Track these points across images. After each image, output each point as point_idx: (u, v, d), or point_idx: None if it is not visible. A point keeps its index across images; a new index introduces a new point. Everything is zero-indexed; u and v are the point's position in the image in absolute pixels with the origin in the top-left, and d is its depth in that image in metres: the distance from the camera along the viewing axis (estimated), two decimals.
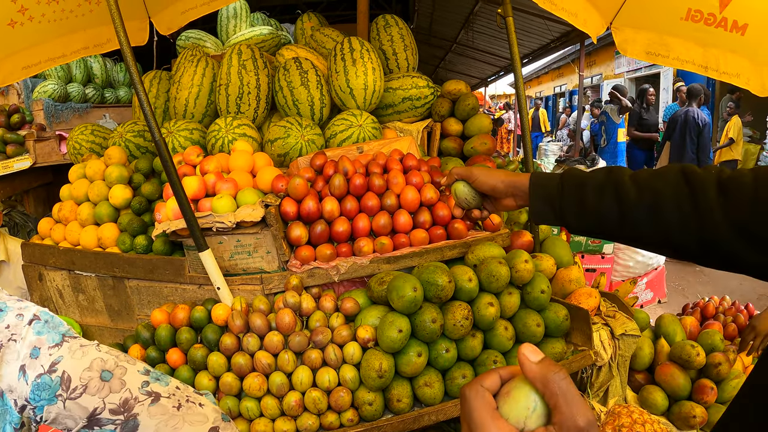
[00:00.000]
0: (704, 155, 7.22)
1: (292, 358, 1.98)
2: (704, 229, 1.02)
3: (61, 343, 0.95)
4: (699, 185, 1.04)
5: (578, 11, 2.79)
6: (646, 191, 1.11)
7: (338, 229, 2.31)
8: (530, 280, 2.17)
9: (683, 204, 1.05)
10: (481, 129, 3.26)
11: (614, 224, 1.16)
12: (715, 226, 1.00)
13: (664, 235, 1.09)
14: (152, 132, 2.03)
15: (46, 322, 0.97)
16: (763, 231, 0.94)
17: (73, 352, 0.95)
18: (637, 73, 16.55)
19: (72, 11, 2.86)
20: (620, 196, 1.14)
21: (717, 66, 2.85)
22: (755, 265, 0.98)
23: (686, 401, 2.38)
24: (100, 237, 2.68)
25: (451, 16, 8.90)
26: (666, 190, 1.08)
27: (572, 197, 1.22)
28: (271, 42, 4.13)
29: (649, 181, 1.12)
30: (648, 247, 1.17)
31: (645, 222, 1.11)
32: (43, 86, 5.04)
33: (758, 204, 0.95)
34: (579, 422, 0.58)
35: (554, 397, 0.60)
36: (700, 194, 1.03)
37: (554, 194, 1.26)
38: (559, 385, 0.60)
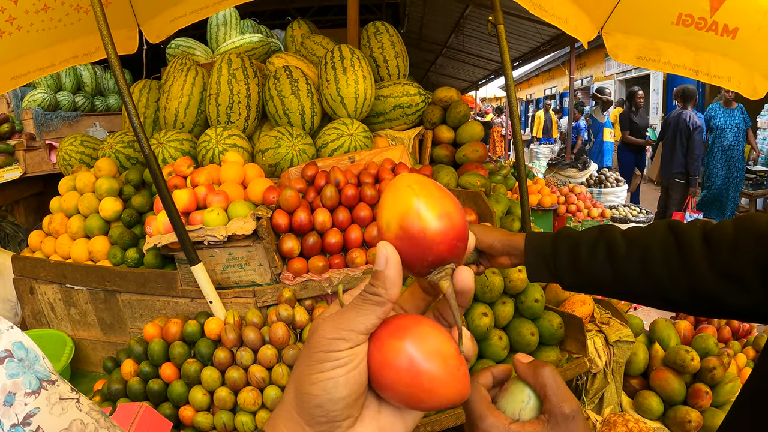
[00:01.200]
0: (692, 159, 7.23)
1: (287, 372, 1.96)
2: (693, 279, 1.07)
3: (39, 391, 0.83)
4: (685, 239, 1.10)
5: (569, 17, 2.79)
6: (636, 248, 1.16)
7: (330, 240, 2.30)
8: (524, 289, 2.17)
9: (671, 258, 1.11)
10: (473, 136, 3.25)
11: (607, 281, 1.21)
12: (701, 276, 1.05)
13: (655, 288, 1.14)
14: (142, 146, 2.02)
15: (20, 360, 0.82)
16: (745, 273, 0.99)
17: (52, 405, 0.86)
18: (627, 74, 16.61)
19: (60, 20, 2.84)
20: (612, 253, 1.19)
21: (708, 70, 2.85)
22: (743, 307, 1.03)
23: (681, 406, 2.37)
24: (90, 250, 2.66)
25: (442, 20, 8.89)
26: (654, 246, 1.14)
27: (566, 257, 1.27)
28: (262, 50, 4.12)
29: (639, 237, 1.18)
30: (640, 300, 1.24)
31: (636, 277, 1.16)
32: (32, 95, 5.01)
33: (738, 250, 1.00)
34: (565, 410, 0.66)
35: (543, 388, 0.68)
36: (687, 247, 1.09)
37: (548, 254, 1.31)
38: (546, 377, 0.69)
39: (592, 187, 6.81)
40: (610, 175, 6.94)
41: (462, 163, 3.20)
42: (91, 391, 2.29)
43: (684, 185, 7.34)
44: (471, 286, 0.63)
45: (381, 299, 0.56)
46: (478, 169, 3.06)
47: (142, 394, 2.06)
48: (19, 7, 2.58)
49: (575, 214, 5.29)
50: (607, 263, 1.19)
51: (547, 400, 0.68)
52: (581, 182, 6.91)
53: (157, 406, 2.04)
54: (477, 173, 2.97)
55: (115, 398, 2.09)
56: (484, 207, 2.51)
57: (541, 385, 0.69)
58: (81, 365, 2.72)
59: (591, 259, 1.22)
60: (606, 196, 6.72)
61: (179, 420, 2.01)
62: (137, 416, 1.73)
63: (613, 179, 6.90)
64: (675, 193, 7.43)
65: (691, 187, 7.29)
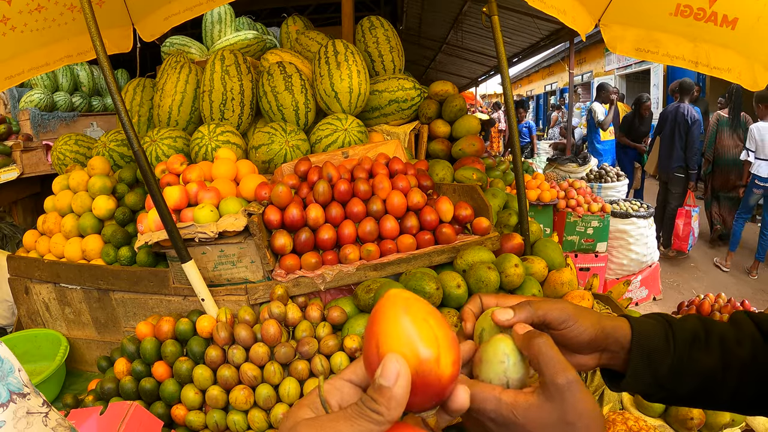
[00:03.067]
0: (692, 152, 7.21)
1: (279, 370, 1.94)
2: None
3: (7, 404, 0.83)
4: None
5: (567, 9, 2.76)
6: (745, 344, 0.93)
7: (323, 236, 2.27)
8: (521, 285, 2.14)
9: None
10: (469, 130, 3.22)
11: (718, 385, 0.94)
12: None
13: None
14: (130, 142, 1.99)
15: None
16: None
17: (18, 419, 0.83)
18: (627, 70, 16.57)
19: (54, 20, 2.82)
20: (727, 350, 0.94)
21: (708, 61, 2.82)
22: None
23: None
24: (84, 249, 2.64)
25: (440, 17, 8.88)
26: (758, 344, 0.93)
27: (685, 355, 0.94)
28: (257, 47, 4.09)
29: (740, 334, 0.95)
30: None
31: (747, 381, 0.92)
32: (29, 96, 4.99)
33: None
34: (559, 380, 0.61)
35: (536, 358, 0.64)
36: None
37: (661, 350, 0.94)
38: (540, 348, 0.64)
39: (593, 182, 6.78)
40: (610, 170, 6.91)
41: (458, 158, 3.17)
42: (85, 391, 2.28)
43: (684, 179, 7.32)
44: (467, 406, 0.62)
45: (381, 419, 0.51)
46: (474, 163, 3.03)
47: (135, 393, 2.05)
48: (12, 8, 2.56)
49: (575, 209, 5.25)
50: (722, 366, 0.93)
51: (540, 373, 0.64)
52: (581, 177, 6.88)
53: (149, 405, 2.02)
54: (473, 167, 2.94)
55: (108, 397, 2.07)
56: (480, 201, 2.48)
57: (535, 356, 0.65)
58: (76, 365, 2.70)
59: (707, 359, 0.93)
60: (606, 191, 6.69)
61: (171, 419, 1.99)
62: (127, 415, 1.70)
63: (614, 174, 6.86)
64: (675, 188, 7.41)
65: (691, 181, 7.26)
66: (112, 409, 1.73)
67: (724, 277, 6.70)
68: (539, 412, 0.62)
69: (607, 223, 5.31)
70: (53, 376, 2.37)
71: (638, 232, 5.66)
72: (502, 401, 0.64)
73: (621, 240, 5.65)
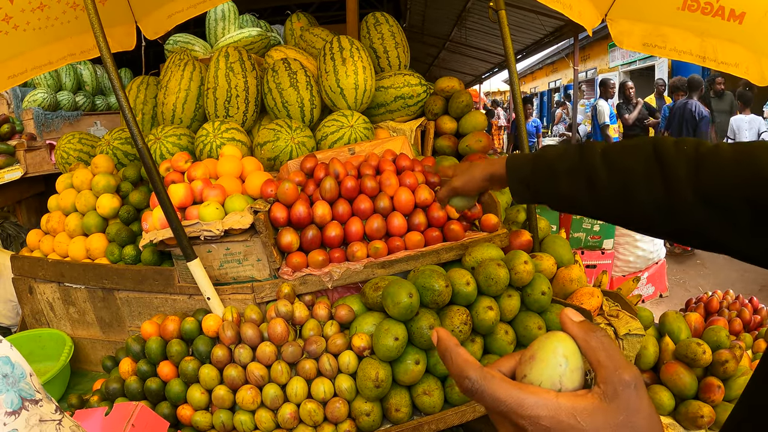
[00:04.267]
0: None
1: (286, 369, 1.91)
2: (676, 206, 1.00)
3: (20, 411, 0.79)
4: (671, 162, 1.02)
5: (572, 3, 2.73)
6: (617, 173, 1.10)
7: (330, 234, 2.24)
8: (530, 282, 2.11)
9: (655, 185, 1.03)
10: (476, 126, 3.19)
11: (588, 206, 1.18)
12: (685, 202, 0.98)
13: (637, 215, 1.09)
14: (134, 139, 1.97)
15: (4, 376, 0.80)
16: (732, 208, 0.92)
17: (30, 427, 0.79)
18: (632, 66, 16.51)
19: (57, 18, 2.80)
20: (592, 180, 1.14)
21: (715, 56, 2.79)
22: (725, 244, 0.96)
23: (693, 401, 2.32)
24: (88, 248, 2.62)
25: (444, 14, 8.85)
26: (638, 169, 1.07)
27: (545, 183, 1.26)
28: (261, 44, 4.07)
29: (621, 161, 1.11)
30: (621, 224, 1.18)
31: (618, 204, 1.11)
32: (32, 95, 4.97)
33: (734, 179, 0.92)
34: (625, 376, 0.54)
35: (596, 352, 0.57)
36: (672, 171, 1.00)
37: (529, 179, 1.30)
38: (600, 340, 0.57)
39: None
40: None
41: (465, 154, 3.14)
42: (90, 391, 2.26)
43: None
44: None
45: None
46: (481, 159, 3.01)
47: (140, 394, 2.03)
48: (15, 6, 2.55)
49: None
50: (585, 191, 1.16)
51: (601, 366, 0.56)
52: None
53: (155, 406, 2.00)
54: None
55: (113, 398, 2.06)
56: (488, 197, 2.46)
57: (594, 349, 0.57)
58: (81, 364, 2.69)
59: (570, 186, 1.19)
60: None
61: (177, 419, 1.97)
62: (133, 416, 1.68)
63: None
64: None
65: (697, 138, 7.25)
66: (117, 409, 1.71)
67: (731, 273, 6.66)
68: (605, 415, 0.54)
69: None
70: (58, 376, 2.35)
71: None
72: (561, 405, 0.55)
73: (627, 237, 5.62)
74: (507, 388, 0.57)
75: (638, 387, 0.54)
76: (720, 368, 2.33)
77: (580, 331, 0.59)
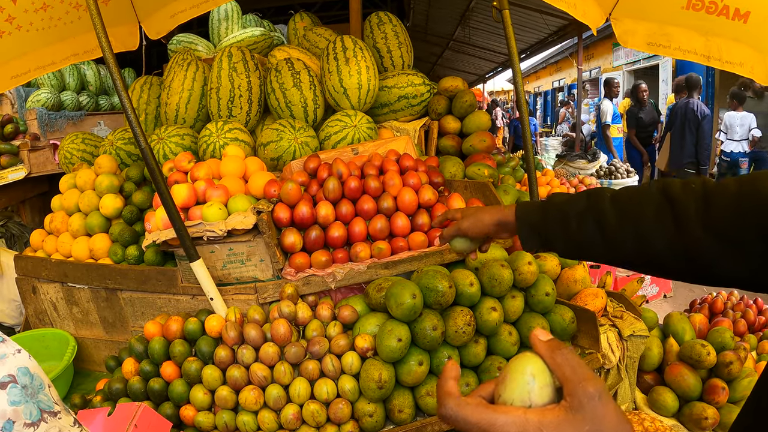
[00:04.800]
0: (702, 148, 7.19)
1: (289, 370, 1.91)
2: (689, 245, 0.98)
3: (38, 423, 0.78)
4: (681, 203, 1.01)
5: (577, 2, 2.72)
6: (628, 216, 1.09)
7: (334, 234, 2.24)
8: (534, 283, 2.10)
9: (666, 226, 1.02)
10: (479, 126, 3.19)
11: (599, 250, 1.15)
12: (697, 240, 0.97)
13: (649, 258, 1.07)
14: (137, 139, 1.97)
15: (24, 387, 0.79)
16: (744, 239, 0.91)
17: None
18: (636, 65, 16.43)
19: (60, 19, 2.80)
20: (602, 224, 1.12)
21: (720, 55, 2.78)
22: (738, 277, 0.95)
23: (697, 402, 2.31)
24: (91, 248, 2.62)
25: (447, 13, 8.84)
26: (648, 210, 1.05)
27: (556, 228, 1.22)
28: (264, 43, 4.07)
29: (630, 205, 1.10)
30: (637, 269, 1.14)
31: (630, 247, 1.08)
32: (36, 95, 4.98)
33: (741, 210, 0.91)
34: (589, 388, 0.58)
35: (562, 368, 0.61)
36: (683, 212, 1.00)
37: (539, 225, 1.27)
38: (565, 356, 0.61)
39: (602, 179, 6.71)
40: (620, 166, 6.84)
41: (469, 154, 3.14)
42: (93, 391, 2.25)
43: (695, 175, 7.28)
44: None
45: None
46: (485, 159, 3.00)
47: (143, 394, 2.02)
48: (18, 7, 2.55)
49: None
50: (597, 235, 1.13)
51: (567, 381, 0.60)
52: (591, 173, 6.82)
53: (158, 406, 2.00)
54: (485, 164, 2.91)
55: (116, 398, 2.06)
56: (492, 198, 2.44)
57: (560, 365, 0.61)
58: (84, 364, 2.69)
59: (580, 231, 1.16)
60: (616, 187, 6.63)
61: (180, 420, 1.97)
62: (135, 416, 1.68)
63: (623, 170, 6.80)
64: None
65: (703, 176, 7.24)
66: (120, 409, 1.71)
67: None
68: (571, 425, 0.58)
69: None
70: (61, 375, 2.35)
71: None
72: (528, 421, 0.59)
73: None
74: (479, 411, 0.62)
75: (602, 397, 0.58)
76: (724, 370, 2.32)
77: (546, 349, 0.63)
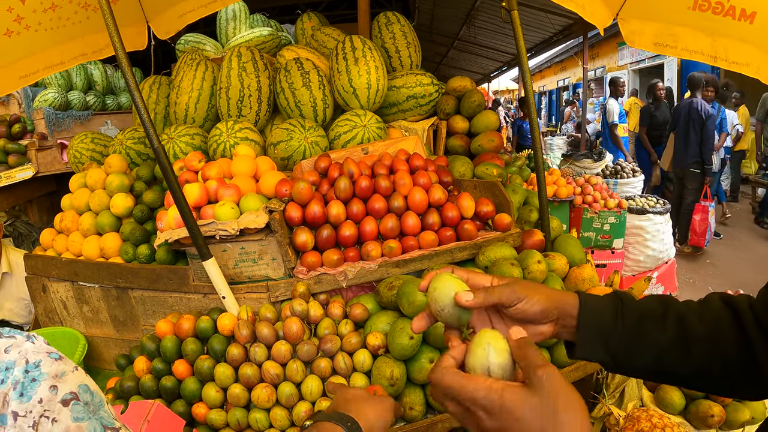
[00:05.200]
0: (707, 148, 7.18)
1: (301, 368, 1.92)
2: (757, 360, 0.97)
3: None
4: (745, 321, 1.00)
5: (585, 3, 2.73)
6: (708, 321, 1.01)
7: (345, 233, 2.25)
8: (543, 281, 2.12)
9: (737, 340, 0.99)
10: (488, 126, 3.20)
11: (677, 361, 1.02)
12: None
13: (725, 371, 1.00)
14: (150, 139, 1.98)
15: (86, 404, 0.78)
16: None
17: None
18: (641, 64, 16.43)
19: (69, 19, 2.82)
20: (684, 330, 1.01)
21: (726, 56, 2.78)
22: None
23: (704, 400, 2.31)
24: (102, 247, 2.64)
25: (453, 12, 8.83)
26: (723, 317, 1.01)
27: (634, 329, 1.02)
28: (272, 43, 4.08)
29: (705, 311, 1.03)
30: (709, 387, 1.07)
31: (708, 356, 1.00)
32: (43, 95, 5.00)
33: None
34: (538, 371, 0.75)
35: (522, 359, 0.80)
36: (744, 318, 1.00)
37: (609, 324, 1.03)
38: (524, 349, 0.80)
39: (608, 178, 6.71)
40: (626, 166, 6.84)
41: (477, 153, 3.14)
42: (104, 389, 2.27)
43: (700, 174, 7.29)
44: None
45: None
46: (494, 159, 3.01)
47: (155, 392, 2.04)
48: (26, 7, 2.56)
49: (591, 204, 5.20)
50: (679, 340, 1.00)
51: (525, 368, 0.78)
52: (597, 173, 6.81)
53: (170, 404, 2.01)
54: (493, 163, 2.92)
55: (128, 396, 2.07)
56: (501, 197, 2.46)
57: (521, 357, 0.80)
58: (94, 363, 2.70)
59: (660, 335, 1.01)
60: (622, 186, 6.61)
61: (192, 417, 1.98)
62: (149, 414, 1.70)
63: (630, 169, 6.79)
64: (691, 183, 7.38)
65: (707, 176, 7.22)
66: (133, 407, 1.73)
67: (741, 273, 6.63)
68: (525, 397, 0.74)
69: (624, 219, 5.26)
70: None
71: (654, 228, 5.60)
72: (492, 389, 0.76)
73: (637, 236, 5.60)
74: (455, 377, 0.80)
75: (551, 377, 0.74)
76: None
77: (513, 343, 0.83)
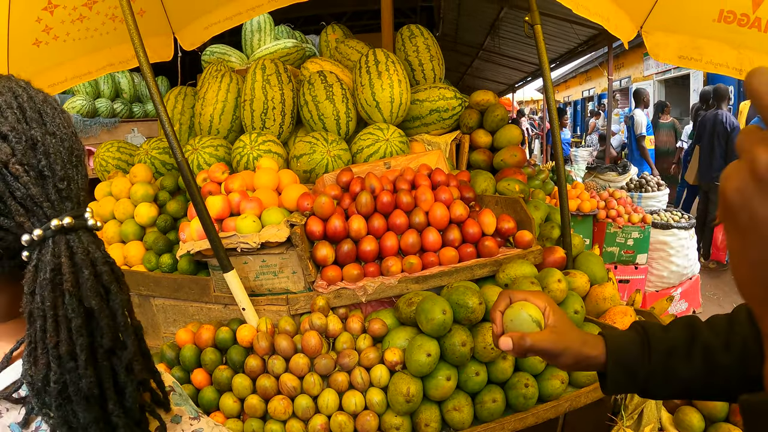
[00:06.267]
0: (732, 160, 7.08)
1: (318, 381, 1.93)
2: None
3: (198, 418, 0.93)
4: None
5: (610, 16, 2.72)
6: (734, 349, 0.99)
7: (365, 248, 2.26)
8: (563, 300, 2.10)
9: None
10: (510, 140, 3.19)
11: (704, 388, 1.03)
12: None
13: None
14: (174, 153, 2.01)
15: (180, 395, 0.96)
16: None
17: (211, 428, 0.93)
18: (666, 74, 16.28)
19: (96, 29, 2.87)
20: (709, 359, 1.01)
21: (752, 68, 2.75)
22: None
23: (724, 423, 2.27)
24: (126, 255, 2.67)
25: (477, 23, 8.82)
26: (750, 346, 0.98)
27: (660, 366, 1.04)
28: (296, 55, 4.11)
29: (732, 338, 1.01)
30: None
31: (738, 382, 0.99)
32: (71, 102, 5.09)
33: None
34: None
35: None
36: None
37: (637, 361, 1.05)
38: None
39: (633, 192, 6.63)
40: (651, 179, 6.76)
41: (500, 168, 3.14)
42: None
43: None
44: None
45: None
46: (516, 174, 3.00)
47: None
48: (55, 18, 2.62)
49: (615, 219, 5.14)
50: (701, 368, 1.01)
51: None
52: (621, 186, 6.74)
53: None
54: (515, 179, 2.91)
55: None
56: (523, 214, 2.45)
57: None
58: None
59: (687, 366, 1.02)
60: (647, 200, 6.53)
61: None
62: None
63: (654, 183, 6.72)
64: (715, 197, 7.26)
65: None
66: None
67: None
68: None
69: (648, 234, 5.20)
70: None
71: (679, 244, 5.52)
72: None
73: (661, 252, 5.52)
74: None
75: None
76: None
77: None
